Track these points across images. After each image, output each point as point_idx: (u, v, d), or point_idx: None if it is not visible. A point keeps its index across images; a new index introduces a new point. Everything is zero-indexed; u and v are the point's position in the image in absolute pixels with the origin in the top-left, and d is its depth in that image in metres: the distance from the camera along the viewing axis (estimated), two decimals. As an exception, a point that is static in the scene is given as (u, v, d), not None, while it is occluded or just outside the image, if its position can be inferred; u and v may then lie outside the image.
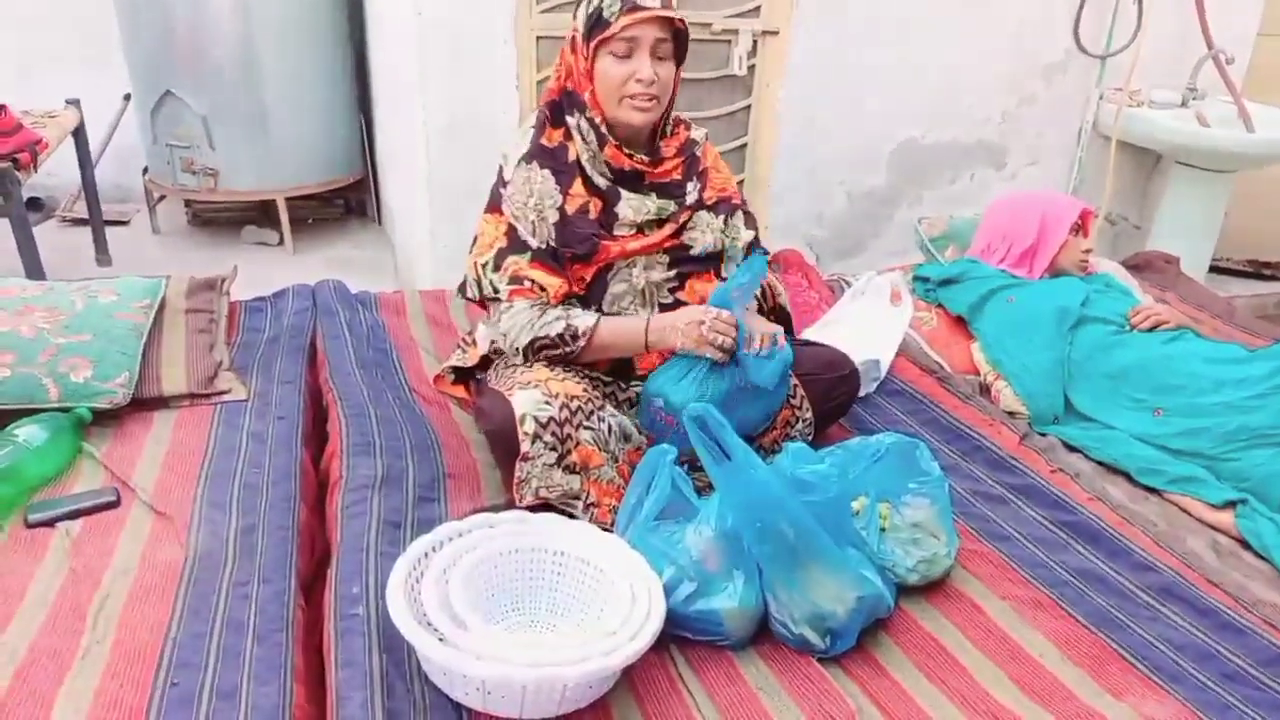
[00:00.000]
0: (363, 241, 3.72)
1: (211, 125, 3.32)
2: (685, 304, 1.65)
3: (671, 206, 1.64)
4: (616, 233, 1.61)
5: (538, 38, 2.60)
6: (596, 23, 1.52)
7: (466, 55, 2.57)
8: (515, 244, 1.57)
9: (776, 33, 2.81)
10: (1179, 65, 3.22)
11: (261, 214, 3.68)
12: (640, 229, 1.62)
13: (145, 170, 3.61)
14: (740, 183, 3.00)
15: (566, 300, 1.59)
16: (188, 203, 3.73)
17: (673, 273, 1.65)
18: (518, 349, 1.55)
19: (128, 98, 3.61)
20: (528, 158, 1.59)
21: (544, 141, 1.60)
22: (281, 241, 3.58)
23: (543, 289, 1.56)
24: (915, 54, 3.00)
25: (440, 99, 2.60)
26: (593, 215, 1.58)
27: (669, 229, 1.63)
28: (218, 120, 3.32)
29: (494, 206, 1.61)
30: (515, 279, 1.56)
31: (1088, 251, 2.20)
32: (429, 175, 2.68)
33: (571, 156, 1.59)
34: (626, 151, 1.59)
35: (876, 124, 3.08)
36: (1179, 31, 3.21)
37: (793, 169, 3.01)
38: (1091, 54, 3.15)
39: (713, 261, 1.71)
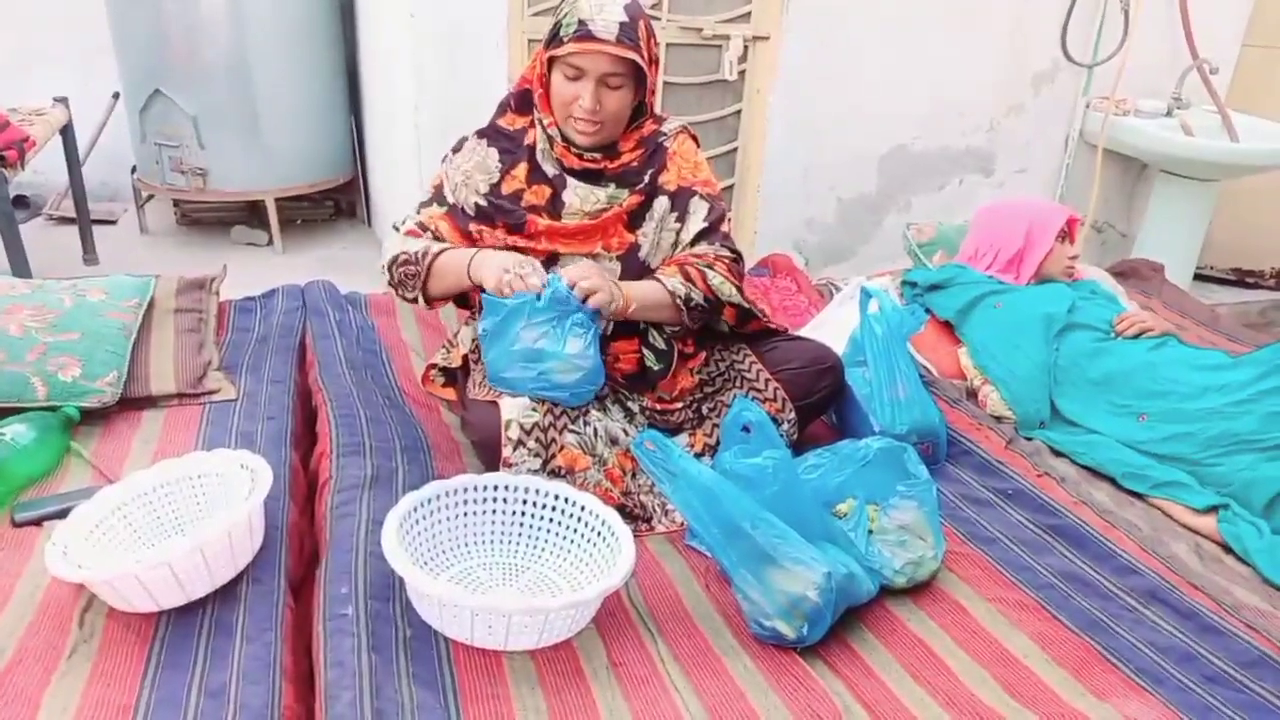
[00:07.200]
0: (352, 243, 3.72)
1: (201, 125, 3.31)
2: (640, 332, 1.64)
3: (625, 194, 1.60)
4: (565, 221, 1.60)
5: (529, 40, 2.61)
6: (554, 36, 1.50)
7: (458, 58, 2.57)
8: (438, 197, 1.65)
9: (767, 38, 2.83)
10: (1165, 75, 3.26)
11: (250, 214, 3.67)
12: (592, 218, 1.60)
13: (133, 169, 3.60)
14: (729, 188, 3.02)
15: None
16: (176, 202, 3.71)
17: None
18: (384, 266, 1.62)
19: (116, 96, 3.59)
20: (479, 133, 1.65)
21: (501, 122, 1.64)
22: (271, 242, 3.57)
23: (437, 238, 1.61)
24: (905, 61, 3.03)
25: (432, 101, 2.61)
26: (528, 203, 1.59)
27: (616, 211, 1.59)
28: (207, 120, 3.31)
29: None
30: (421, 225, 1.63)
31: (1074, 258, 2.21)
32: (420, 177, 2.68)
33: (528, 140, 1.61)
34: (576, 152, 1.59)
35: (866, 130, 3.10)
36: (1165, 42, 3.25)
37: (783, 174, 3.02)
38: (1079, 63, 3.18)
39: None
